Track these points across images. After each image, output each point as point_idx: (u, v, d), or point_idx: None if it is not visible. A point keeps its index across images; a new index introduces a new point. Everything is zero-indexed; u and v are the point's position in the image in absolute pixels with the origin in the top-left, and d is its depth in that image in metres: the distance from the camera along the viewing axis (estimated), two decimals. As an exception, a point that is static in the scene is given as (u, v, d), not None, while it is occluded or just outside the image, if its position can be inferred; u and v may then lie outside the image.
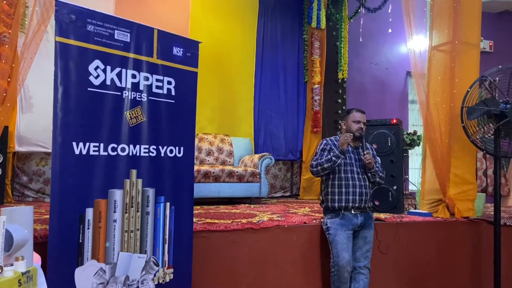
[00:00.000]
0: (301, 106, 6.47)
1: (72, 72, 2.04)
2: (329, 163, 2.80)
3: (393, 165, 4.09)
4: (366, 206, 2.91)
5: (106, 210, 2.08)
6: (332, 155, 2.80)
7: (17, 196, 4.93)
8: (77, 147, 2.05)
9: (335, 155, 2.80)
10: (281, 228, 3.12)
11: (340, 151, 2.80)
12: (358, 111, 2.96)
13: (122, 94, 2.20)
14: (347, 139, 2.81)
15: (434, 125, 3.93)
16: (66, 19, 2.01)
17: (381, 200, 4.09)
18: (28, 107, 4.80)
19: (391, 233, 3.44)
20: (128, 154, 2.21)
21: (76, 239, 2.01)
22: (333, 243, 2.86)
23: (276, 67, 6.38)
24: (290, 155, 6.42)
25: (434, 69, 4.06)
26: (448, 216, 3.81)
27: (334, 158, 2.79)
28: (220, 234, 2.90)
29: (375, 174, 2.95)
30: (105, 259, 2.07)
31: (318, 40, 6.35)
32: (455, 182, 3.88)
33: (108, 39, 2.15)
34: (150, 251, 2.23)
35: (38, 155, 5.04)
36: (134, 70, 2.25)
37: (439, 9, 4.09)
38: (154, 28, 2.34)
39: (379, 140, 4.12)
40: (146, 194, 2.20)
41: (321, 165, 2.83)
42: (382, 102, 7.33)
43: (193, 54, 2.52)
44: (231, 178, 4.85)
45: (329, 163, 2.80)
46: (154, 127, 2.32)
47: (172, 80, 2.41)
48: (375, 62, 7.50)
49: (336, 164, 2.82)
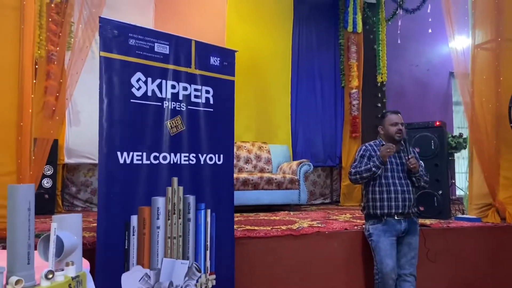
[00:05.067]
0: (338, 111, 6.38)
1: (116, 85, 2.13)
2: (369, 172, 2.74)
3: (438, 169, 3.94)
4: (410, 211, 2.82)
5: (150, 217, 2.14)
6: (372, 165, 2.73)
7: (67, 206, 5.16)
8: (121, 156, 2.13)
9: (375, 166, 2.72)
10: (321, 235, 3.08)
11: (380, 162, 2.72)
12: (393, 113, 2.88)
13: (162, 104, 2.27)
14: (390, 151, 2.69)
15: (480, 126, 3.77)
16: (109, 35, 2.11)
17: (426, 206, 3.94)
18: (75, 121, 5.04)
19: (438, 240, 3.31)
20: (169, 162, 2.27)
21: (122, 245, 2.08)
22: (376, 250, 2.79)
23: (312, 73, 6.34)
24: (329, 161, 6.33)
25: (478, 68, 3.91)
26: (498, 221, 3.62)
27: (374, 169, 2.72)
28: (260, 240, 2.90)
29: (419, 179, 2.84)
30: (150, 264, 2.13)
31: (355, 44, 6.26)
32: (505, 185, 3.70)
33: (149, 52, 2.24)
34: (192, 257, 2.27)
35: (85, 166, 5.27)
36: (173, 81, 2.32)
37: (481, 6, 3.94)
38: (192, 39, 2.41)
39: (422, 143, 3.98)
40: (187, 201, 2.25)
41: (359, 173, 2.78)
42: (424, 105, 7.09)
43: (230, 63, 2.57)
44: (269, 185, 4.85)
45: (368, 173, 2.74)
46: (194, 135, 2.38)
47: (210, 89, 2.46)
48: (415, 64, 7.29)
49: (376, 174, 2.75)
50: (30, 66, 2.76)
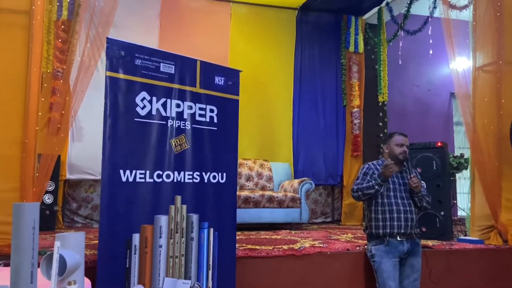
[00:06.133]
0: (340, 130, 6.41)
1: (121, 104, 2.16)
2: (371, 190, 2.75)
3: (440, 189, 3.93)
4: (413, 232, 2.81)
5: (152, 236, 2.13)
6: (374, 183, 2.73)
7: (67, 222, 5.14)
8: (124, 174, 2.14)
9: (377, 183, 2.73)
10: (323, 255, 3.06)
11: (382, 180, 2.73)
12: (400, 134, 2.90)
13: (167, 123, 2.29)
14: (391, 171, 2.71)
15: (482, 147, 3.78)
16: (116, 55, 2.14)
17: (428, 227, 3.92)
18: (78, 137, 5.06)
19: (441, 261, 3.28)
20: (173, 180, 2.28)
21: (123, 264, 2.07)
22: (379, 271, 2.76)
23: (314, 92, 6.39)
24: (331, 179, 6.32)
25: (479, 91, 3.94)
26: (501, 243, 3.60)
27: (377, 186, 2.73)
28: (262, 260, 2.88)
29: (422, 199, 2.85)
30: (151, 284, 2.11)
31: (356, 64, 6.34)
32: (507, 207, 3.69)
33: (154, 72, 2.27)
34: (194, 277, 2.25)
35: (87, 182, 5.27)
36: (178, 100, 2.35)
37: (482, 29, 3.99)
38: (197, 59, 2.45)
39: (423, 164, 3.98)
40: (190, 219, 2.24)
41: (361, 190, 2.78)
42: (426, 125, 7.11)
43: (234, 83, 2.60)
44: (271, 203, 4.84)
45: (371, 190, 2.75)
46: (198, 154, 2.39)
47: (214, 108, 2.49)
48: (416, 84, 7.35)
49: (379, 192, 2.76)
50: (37, 84, 2.80)
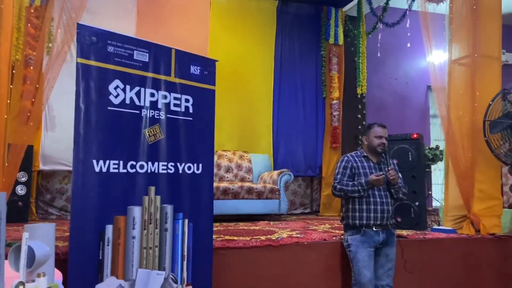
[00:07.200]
0: (320, 122, 6.45)
1: (93, 92, 2.10)
2: (355, 194, 2.77)
3: (415, 180, 3.99)
4: (388, 223, 2.84)
5: (125, 227, 2.09)
6: (360, 188, 2.75)
7: (41, 214, 5.02)
8: (97, 164, 2.09)
9: (363, 189, 2.75)
10: (300, 245, 3.08)
11: (368, 188, 2.76)
12: (379, 126, 2.91)
13: (141, 112, 2.24)
14: (380, 183, 2.75)
15: (456, 139, 3.85)
16: (87, 41, 2.07)
17: (403, 217, 3.99)
18: (51, 126, 4.94)
19: (414, 251, 3.35)
20: (147, 171, 2.24)
21: (96, 256, 2.03)
22: (354, 261, 2.80)
23: (294, 84, 6.40)
24: (310, 171, 6.37)
25: (454, 83, 4.00)
26: (473, 232, 3.69)
27: (362, 192, 2.75)
28: (239, 251, 2.88)
29: (398, 190, 2.88)
30: (125, 276, 2.08)
31: (336, 56, 6.36)
32: (479, 197, 3.77)
33: (128, 59, 2.21)
34: (168, 268, 2.22)
35: (61, 173, 5.16)
36: (152, 89, 2.29)
37: (458, 22, 4.04)
38: (172, 48, 2.39)
39: (399, 155, 4.03)
40: (164, 210, 2.21)
41: (345, 192, 2.79)
42: (403, 117, 7.22)
43: (210, 72, 2.56)
44: (250, 194, 4.84)
45: (355, 194, 2.77)
46: (172, 144, 2.35)
47: (189, 98, 2.44)
48: (394, 77, 7.43)
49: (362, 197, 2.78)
50: (7, 71, 2.70)
